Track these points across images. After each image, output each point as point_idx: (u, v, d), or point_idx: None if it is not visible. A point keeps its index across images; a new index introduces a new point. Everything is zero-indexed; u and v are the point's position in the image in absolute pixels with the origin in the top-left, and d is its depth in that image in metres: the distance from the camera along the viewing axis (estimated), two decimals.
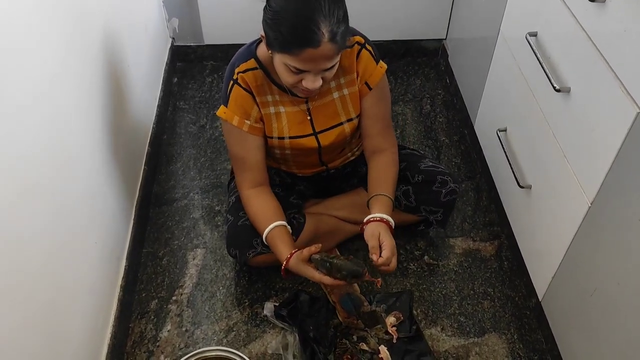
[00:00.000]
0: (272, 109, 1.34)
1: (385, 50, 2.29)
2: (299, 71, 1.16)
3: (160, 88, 2.04)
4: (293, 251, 1.29)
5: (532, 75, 1.39)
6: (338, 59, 1.18)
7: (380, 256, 1.27)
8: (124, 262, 1.50)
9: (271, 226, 1.33)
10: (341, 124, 1.39)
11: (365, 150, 1.46)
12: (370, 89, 1.36)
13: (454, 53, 2.18)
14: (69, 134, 1.19)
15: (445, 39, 2.29)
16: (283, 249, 1.30)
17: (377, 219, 1.33)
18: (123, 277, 1.47)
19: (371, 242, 1.29)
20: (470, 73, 1.98)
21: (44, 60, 1.10)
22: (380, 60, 1.36)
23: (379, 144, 1.43)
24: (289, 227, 1.37)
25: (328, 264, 1.25)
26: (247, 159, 1.37)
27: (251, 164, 1.37)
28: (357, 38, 1.32)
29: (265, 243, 1.37)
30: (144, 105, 1.84)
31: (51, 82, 1.12)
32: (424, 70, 2.29)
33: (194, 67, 2.29)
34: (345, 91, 1.36)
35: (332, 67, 1.18)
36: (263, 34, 1.19)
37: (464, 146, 1.97)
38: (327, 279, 1.25)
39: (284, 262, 1.29)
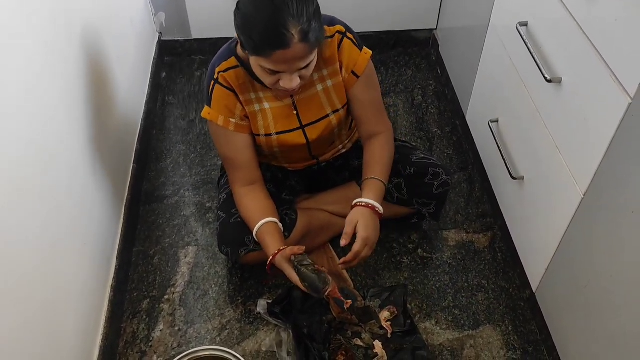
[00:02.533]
0: (256, 107, 1.32)
1: (376, 41, 2.26)
2: (275, 72, 1.15)
3: (148, 83, 2.02)
4: (281, 248, 1.28)
5: (523, 66, 1.38)
6: (314, 56, 1.16)
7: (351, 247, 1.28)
8: (114, 262, 1.49)
9: (262, 222, 1.32)
10: (327, 116, 1.38)
11: (361, 137, 1.44)
12: (357, 77, 1.34)
13: (444, 43, 2.16)
14: (54, 133, 1.17)
15: (436, 29, 2.27)
16: (271, 245, 1.30)
17: (362, 204, 1.31)
18: (114, 277, 1.46)
19: (347, 227, 1.29)
20: (461, 63, 1.96)
21: (27, 58, 1.07)
22: (364, 47, 1.34)
23: (373, 129, 1.41)
24: (280, 224, 1.36)
25: (297, 270, 1.25)
26: (237, 159, 1.35)
27: (242, 163, 1.36)
28: (338, 27, 1.29)
29: (257, 240, 1.35)
30: (132, 101, 1.81)
31: (35, 79, 1.10)
32: (414, 60, 2.28)
33: (182, 61, 2.26)
34: (329, 82, 1.34)
35: (309, 65, 1.17)
36: (237, 38, 1.17)
37: (456, 137, 1.96)
38: (300, 284, 1.26)
39: (270, 258, 1.29)
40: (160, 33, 2.22)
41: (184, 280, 1.55)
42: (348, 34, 1.30)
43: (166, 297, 1.52)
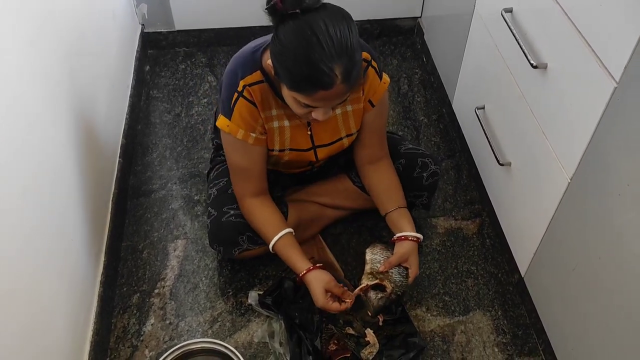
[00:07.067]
0: (276, 123, 1.29)
1: (360, 30, 2.22)
2: (309, 106, 1.12)
3: (131, 77, 1.99)
4: (311, 267, 1.31)
5: (509, 52, 1.39)
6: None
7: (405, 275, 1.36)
8: (102, 257, 1.47)
9: (279, 235, 1.32)
10: (340, 139, 1.38)
11: (359, 160, 1.46)
12: (373, 105, 1.34)
13: (429, 31, 2.16)
14: (37, 130, 1.15)
15: (420, 17, 2.27)
16: (298, 261, 1.32)
17: (413, 239, 1.36)
18: (103, 273, 1.44)
19: (397, 259, 1.35)
20: (446, 51, 1.96)
21: (10, 56, 1.05)
22: (384, 74, 1.34)
23: (374, 154, 1.44)
24: (293, 232, 1.37)
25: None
26: (249, 170, 1.33)
27: (254, 175, 1.34)
28: (364, 55, 1.25)
29: (272, 251, 1.35)
30: (116, 95, 1.79)
31: (17, 77, 1.07)
32: (400, 49, 2.27)
33: (166, 54, 2.24)
34: (349, 107, 1.33)
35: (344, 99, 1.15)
36: (271, 64, 1.12)
37: (443, 125, 1.97)
38: (334, 307, 1.29)
39: (303, 273, 1.31)
40: (143, 25, 2.19)
41: (173, 274, 1.55)
42: (373, 62, 1.29)
43: (156, 291, 1.51)
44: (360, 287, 1.34)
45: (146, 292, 1.51)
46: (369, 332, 1.36)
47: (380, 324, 1.38)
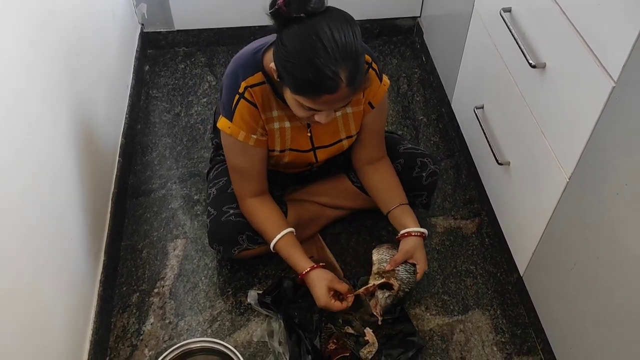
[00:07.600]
0: (276, 125, 1.29)
1: (360, 30, 2.25)
2: (312, 109, 1.12)
3: (131, 77, 1.99)
4: (314, 265, 1.32)
5: (508, 52, 1.39)
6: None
7: (414, 272, 1.38)
8: (102, 257, 1.48)
9: (280, 235, 1.33)
10: (340, 140, 1.38)
11: (358, 160, 1.46)
12: (372, 107, 1.35)
13: (428, 31, 2.16)
14: (37, 130, 1.15)
15: (420, 16, 2.27)
16: (300, 260, 1.34)
17: (417, 234, 1.38)
18: (102, 272, 1.45)
19: (402, 256, 1.36)
20: (445, 51, 1.97)
21: (10, 56, 1.05)
22: (384, 76, 1.34)
23: (373, 155, 1.45)
24: (294, 231, 1.38)
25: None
26: (250, 171, 1.33)
27: (254, 175, 1.34)
28: (366, 57, 1.23)
29: (273, 250, 1.36)
30: (115, 95, 1.79)
31: (17, 77, 1.08)
32: (399, 49, 2.28)
33: (166, 54, 2.24)
34: (349, 110, 1.34)
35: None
36: (274, 68, 1.11)
37: (442, 124, 1.97)
38: (336, 305, 1.30)
39: (304, 272, 1.32)
40: (143, 25, 2.19)
41: (173, 273, 1.55)
42: (373, 65, 1.29)
43: (156, 290, 1.51)
44: (366, 287, 1.34)
45: (146, 291, 1.51)
46: (368, 331, 1.37)
47: (380, 323, 1.38)
